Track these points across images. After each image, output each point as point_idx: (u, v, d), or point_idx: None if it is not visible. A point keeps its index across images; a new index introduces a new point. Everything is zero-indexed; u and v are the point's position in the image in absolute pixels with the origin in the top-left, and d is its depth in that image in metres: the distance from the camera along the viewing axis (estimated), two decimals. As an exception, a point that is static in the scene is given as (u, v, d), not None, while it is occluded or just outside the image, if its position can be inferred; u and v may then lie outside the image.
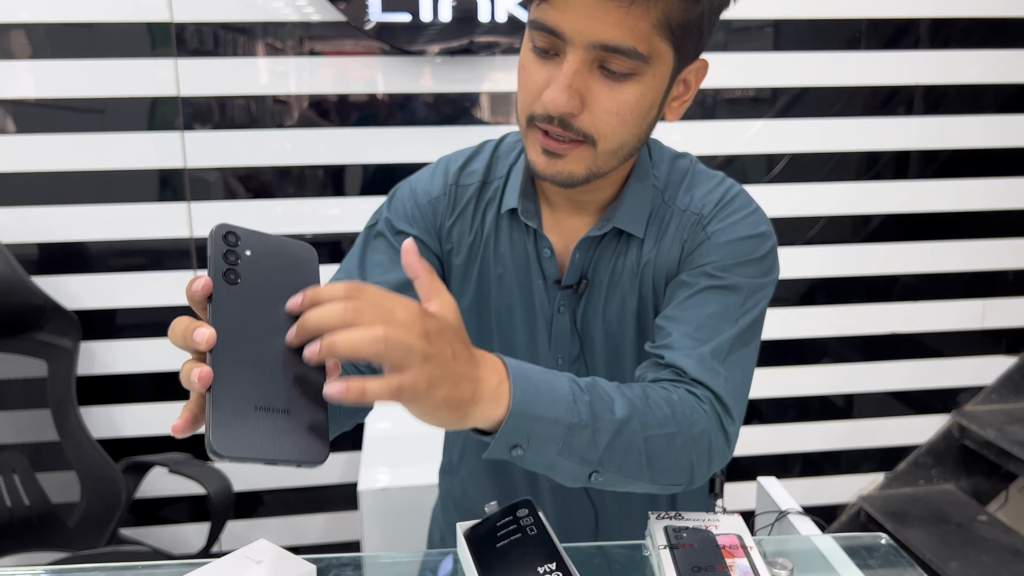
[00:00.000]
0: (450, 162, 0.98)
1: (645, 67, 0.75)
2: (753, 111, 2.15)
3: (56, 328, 1.87)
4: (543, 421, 0.67)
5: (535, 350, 0.96)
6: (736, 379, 0.84)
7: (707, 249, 0.88)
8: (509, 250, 0.93)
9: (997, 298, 2.36)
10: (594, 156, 0.79)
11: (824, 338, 2.33)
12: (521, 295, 0.94)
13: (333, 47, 1.94)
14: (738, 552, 0.75)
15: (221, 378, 0.54)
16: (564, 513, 1.03)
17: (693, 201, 0.91)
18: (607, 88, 0.76)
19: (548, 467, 0.71)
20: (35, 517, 1.86)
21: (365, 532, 1.69)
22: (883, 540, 0.83)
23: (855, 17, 2.11)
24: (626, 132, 0.79)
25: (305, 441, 0.56)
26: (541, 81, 0.77)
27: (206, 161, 1.96)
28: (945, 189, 2.26)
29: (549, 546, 0.74)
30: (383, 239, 0.93)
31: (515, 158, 0.95)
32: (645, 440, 0.73)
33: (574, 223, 0.92)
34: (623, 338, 0.94)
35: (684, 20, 0.74)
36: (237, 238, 0.59)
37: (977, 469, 2.45)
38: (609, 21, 0.72)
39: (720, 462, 0.81)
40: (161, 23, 1.87)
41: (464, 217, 0.95)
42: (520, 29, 1.92)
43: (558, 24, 0.74)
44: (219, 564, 0.78)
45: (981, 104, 2.22)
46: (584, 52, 0.74)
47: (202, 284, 0.56)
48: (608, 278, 0.92)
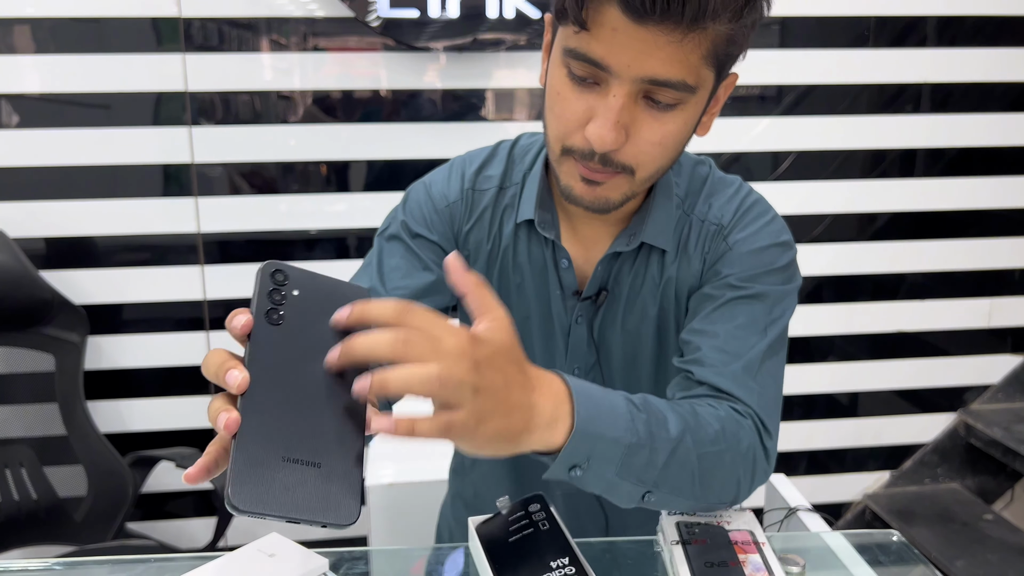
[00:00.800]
0: (466, 164, 0.95)
1: (690, 96, 0.73)
2: (759, 108, 2.14)
3: (64, 322, 1.88)
4: (604, 441, 0.66)
5: (551, 359, 0.95)
6: (770, 393, 0.83)
7: (729, 260, 0.87)
8: (527, 260, 0.92)
9: (1004, 297, 2.36)
10: (631, 183, 0.78)
11: (830, 336, 2.33)
12: (538, 305, 0.93)
13: (338, 43, 1.94)
14: (751, 548, 0.75)
15: (249, 425, 0.51)
16: (575, 519, 1.02)
17: (712, 210, 0.90)
18: (651, 119, 0.73)
19: (606, 488, 0.70)
20: (42, 511, 1.86)
21: (372, 527, 1.69)
22: (895, 537, 0.83)
23: (863, 14, 2.11)
24: (665, 159, 0.78)
25: (335, 498, 0.52)
26: (580, 112, 0.74)
27: (212, 156, 1.96)
28: (952, 187, 2.26)
29: (562, 541, 0.74)
30: (399, 243, 0.91)
31: (530, 164, 0.93)
32: (699, 457, 0.72)
33: (593, 234, 0.90)
34: (641, 349, 0.93)
35: (731, 48, 0.73)
36: (285, 277, 0.56)
37: (983, 468, 2.44)
38: (660, 56, 0.68)
39: (762, 478, 0.80)
40: (169, 18, 1.87)
41: (481, 224, 0.93)
42: (528, 25, 1.91)
43: (604, 58, 0.70)
44: (232, 557, 0.79)
45: (989, 102, 2.22)
46: (631, 85, 0.71)
47: (243, 322, 0.53)
48: (628, 290, 0.91)
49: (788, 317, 0.89)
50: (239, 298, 2.05)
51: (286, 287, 0.56)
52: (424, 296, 0.88)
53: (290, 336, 0.55)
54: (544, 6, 1.91)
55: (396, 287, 0.88)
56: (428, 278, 0.89)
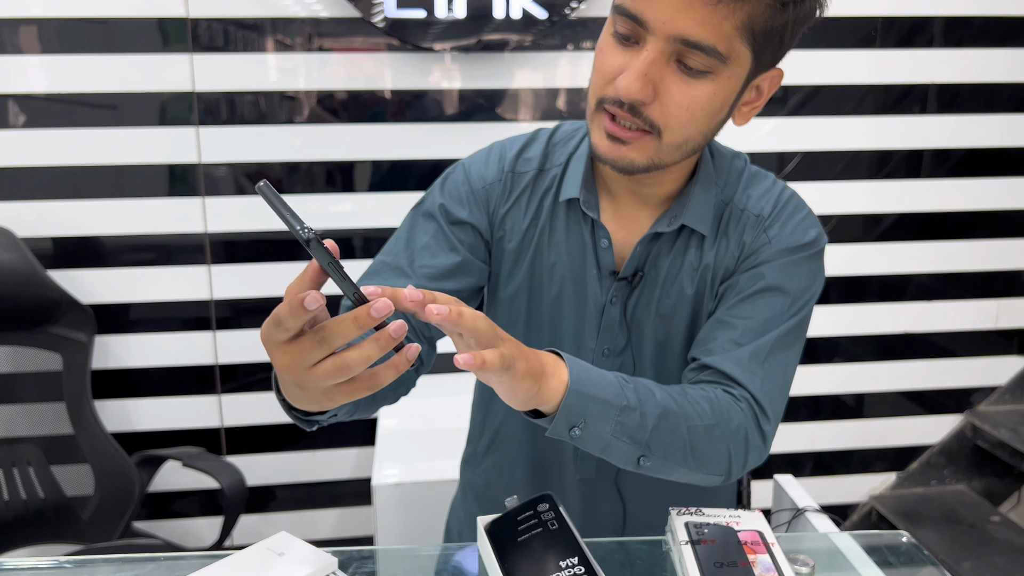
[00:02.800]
0: (505, 148, 0.98)
1: (721, 67, 0.76)
2: (766, 109, 2.13)
3: (71, 322, 1.88)
4: (597, 401, 0.73)
5: (581, 339, 0.97)
6: (775, 380, 0.87)
7: (766, 252, 0.90)
8: (564, 239, 0.94)
9: (1011, 298, 2.35)
10: (658, 147, 0.81)
11: (837, 337, 2.32)
12: (573, 284, 0.95)
13: (344, 43, 1.94)
14: (760, 548, 0.75)
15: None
16: (591, 508, 1.04)
17: (751, 201, 0.93)
18: (681, 82, 0.77)
19: (603, 448, 0.76)
20: (49, 509, 1.86)
21: (379, 527, 1.69)
22: (904, 538, 0.83)
23: (870, 15, 2.10)
24: (693, 128, 0.80)
25: None
26: (616, 66, 0.78)
27: (218, 156, 1.97)
28: (959, 188, 2.25)
29: (570, 540, 0.74)
30: (433, 221, 0.94)
31: (575, 147, 0.96)
32: (688, 429, 0.78)
33: (633, 215, 0.93)
34: (674, 333, 0.95)
35: (767, 26, 0.75)
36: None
37: (990, 470, 2.44)
38: (694, 16, 0.73)
39: (756, 458, 0.84)
40: (177, 18, 1.88)
41: (519, 204, 0.96)
42: (534, 25, 1.91)
43: (644, 12, 0.75)
44: (242, 555, 0.79)
45: (995, 103, 2.21)
46: (664, 43, 0.75)
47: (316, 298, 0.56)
48: (666, 273, 0.93)
49: (808, 311, 0.91)
50: (246, 297, 2.05)
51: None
52: (449, 276, 0.92)
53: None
54: (551, 6, 1.91)
55: (423, 264, 0.91)
56: (454, 259, 0.92)
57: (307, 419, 0.73)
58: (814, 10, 0.78)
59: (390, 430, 1.91)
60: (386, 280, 0.89)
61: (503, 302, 0.99)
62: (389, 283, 0.88)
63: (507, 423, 1.05)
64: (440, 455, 1.73)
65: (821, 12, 0.78)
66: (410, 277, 0.89)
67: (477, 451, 1.12)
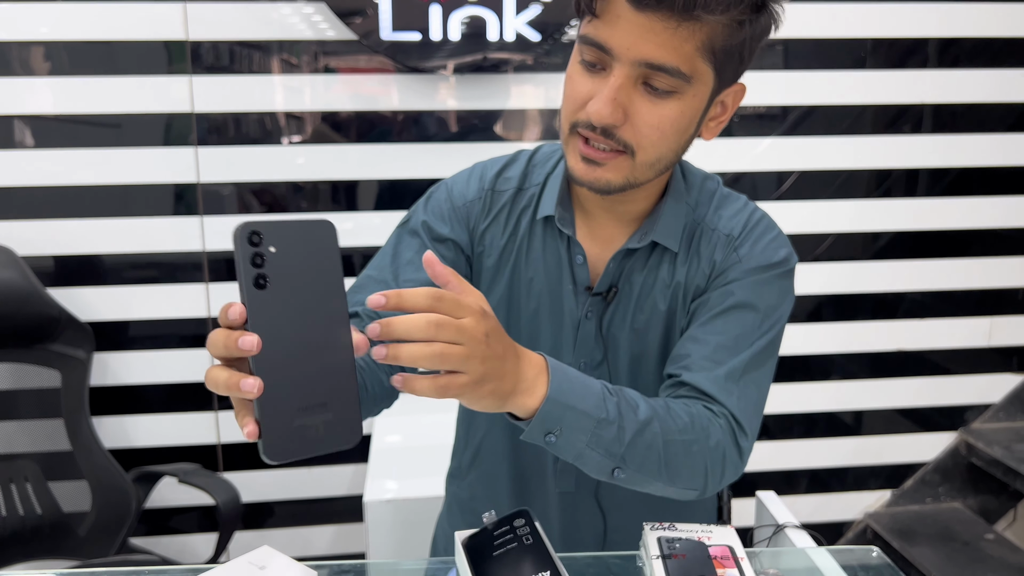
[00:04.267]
0: (486, 168, 1.02)
1: (686, 86, 0.80)
2: (763, 128, 2.17)
3: (70, 339, 1.91)
4: (574, 411, 0.74)
5: (559, 354, 0.99)
6: (750, 398, 0.88)
7: (736, 271, 0.93)
8: (541, 255, 0.98)
9: (1004, 316, 2.36)
10: (632, 166, 0.84)
11: (831, 355, 2.33)
12: (550, 299, 0.98)
13: (347, 63, 1.98)
14: (729, 563, 0.76)
15: (268, 385, 0.58)
16: (572, 521, 1.06)
17: (722, 221, 0.95)
18: (649, 103, 0.80)
19: (577, 456, 0.78)
20: (47, 525, 1.88)
21: (370, 543, 1.70)
22: (874, 553, 0.84)
23: (861, 37, 2.13)
24: (664, 146, 0.83)
25: (343, 427, 0.62)
26: (586, 92, 0.82)
27: (220, 176, 2.00)
28: (953, 207, 2.27)
29: (543, 554, 0.76)
30: (417, 238, 0.97)
31: (552, 167, 0.99)
32: (665, 443, 0.79)
33: (607, 232, 0.96)
34: (648, 347, 0.98)
35: (726, 44, 0.79)
36: (260, 236, 0.61)
37: (985, 487, 2.44)
38: (656, 41, 0.76)
39: (733, 474, 0.86)
40: (177, 41, 1.91)
41: (498, 221, 0.99)
42: (527, 47, 1.95)
43: (607, 40, 0.78)
44: (224, 569, 0.80)
45: (988, 123, 2.23)
46: (630, 68, 0.78)
47: (239, 311, 0.59)
48: (640, 288, 0.96)
49: (779, 329, 0.93)
50: (243, 315, 2.07)
51: (262, 246, 0.61)
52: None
53: (278, 294, 0.61)
54: (544, 28, 1.94)
55: (408, 279, 0.94)
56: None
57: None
58: (769, 26, 0.81)
59: (383, 448, 1.93)
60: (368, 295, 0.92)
61: None
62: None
63: (489, 437, 1.07)
64: (432, 472, 1.74)
65: (776, 27, 0.82)
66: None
67: (461, 465, 1.14)
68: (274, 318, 0.60)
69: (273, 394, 0.58)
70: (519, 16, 1.92)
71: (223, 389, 0.58)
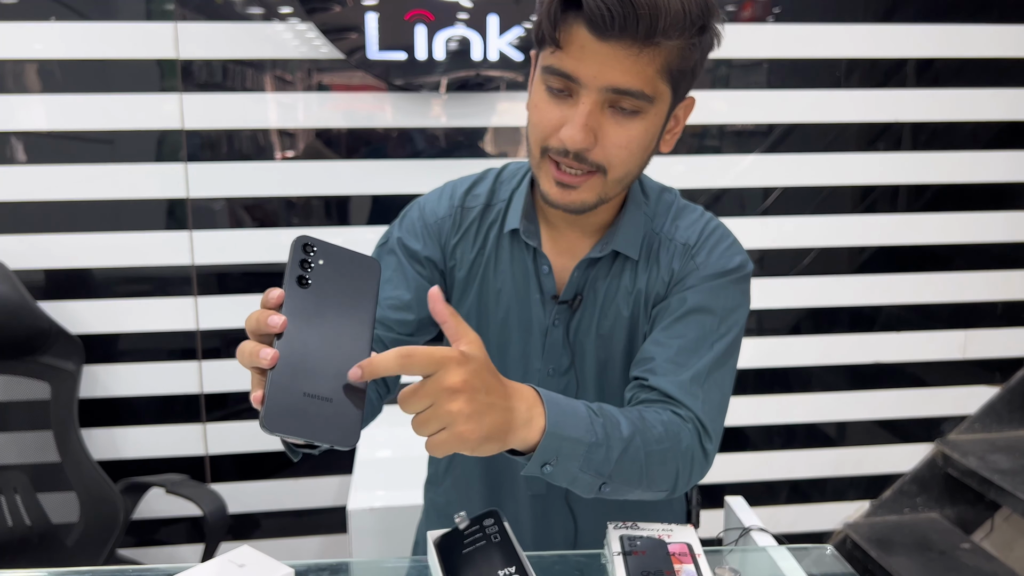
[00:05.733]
0: (456, 186, 1.07)
1: (649, 106, 0.85)
2: (747, 144, 2.21)
3: (60, 351, 1.94)
4: (570, 441, 0.77)
5: (528, 361, 1.04)
6: (714, 400, 0.93)
7: (693, 277, 0.97)
8: (509, 267, 1.02)
9: (979, 329, 2.41)
10: (604, 184, 0.89)
11: (810, 367, 2.38)
12: (519, 308, 1.03)
13: (333, 82, 2.02)
14: (686, 559, 0.80)
15: (282, 362, 0.63)
16: (544, 523, 1.10)
17: (679, 231, 1.01)
18: (617, 125, 0.86)
19: (571, 481, 0.81)
20: (35, 536, 1.90)
21: (354, 551, 1.73)
22: (828, 551, 0.88)
23: (843, 57, 2.18)
24: (632, 163, 0.89)
25: (341, 426, 0.65)
26: (556, 119, 0.86)
27: (211, 191, 2.04)
28: (928, 222, 2.32)
29: (510, 552, 0.80)
30: (394, 256, 1.03)
31: (517, 183, 1.05)
32: (646, 455, 0.83)
33: (571, 243, 1.01)
34: (614, 352, 1.02)
35: (682, 65, 0.84)
36: (313, 249, 0.68)
37: (961, 497, 2.48)
38: (620, 68, 0.81)
39: (699, 475, 0.91)
40: (167, 59, 1.96)
41: (467, 236, 1.04)
42: (512, 67, 2.00)
43: (574, 71, 0.83)
44: (203, 568, 0.84)
45: (966, 141, 2.29)
46: (597, 94, 0.83)
47: (277, 294, 0.65)
48: (603, 296, 1.00)
49: (738, 331, 0.98)
50: (232, 328, 2.11)
51: (313, 256, 0.68)
52: (408, 307, 1.00)
53: (315, 297, 0.67)
54: (526, 49, 1.99)
55: (387, 296, 0.99)
56: (411, 292, 1.00)
57: (293, 449, 0.80)
58: (713, 43, 0.88)
59: (367, 459, 1.96)
60: None
61: None
62: None
63: None
64: (414, 482, 1.76)
65: (718, 44, 0.88)
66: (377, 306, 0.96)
67: (438, 472, 1.18)
68: (305, 313, 0.66)
69: (285, 371, 0.63)
70: (503, 37, 1.98)
71: (246, 358, 0.63)
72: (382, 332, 0.97)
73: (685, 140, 2.19)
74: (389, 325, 0.97)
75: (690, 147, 2.19)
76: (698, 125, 2.18)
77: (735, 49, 2.14)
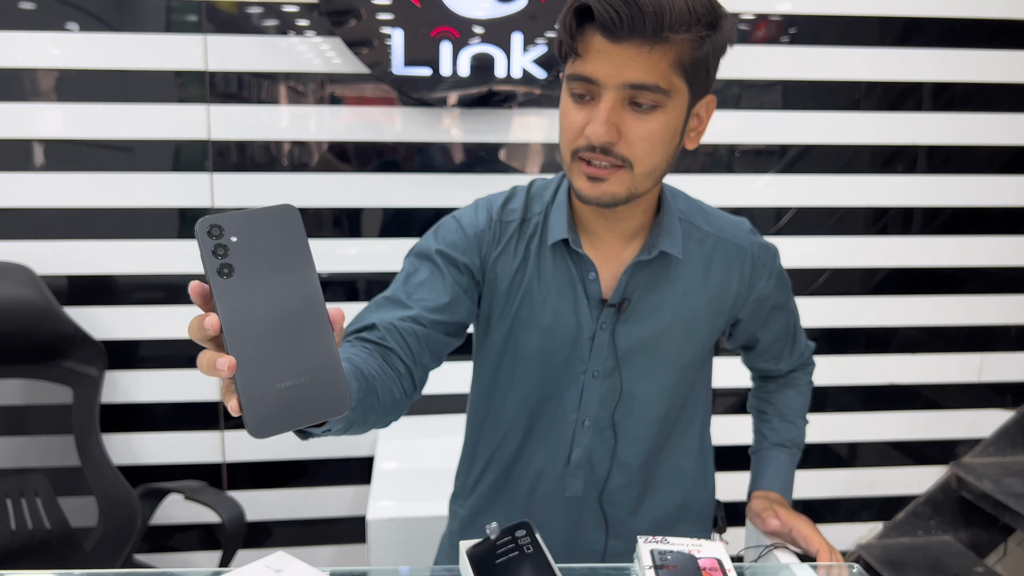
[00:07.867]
0: (491, 202, 1.11)
1: (666, 100, 0.91)
2: (761, 165, 2.23)
3: (83, 357, 1.95)
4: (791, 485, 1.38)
5: (573, 365, 1.08)
6: (800, 340, 1.30)
7: (771, 285, 1.15)
8: (552, 276, 1.06)
9: (994, 352, 2.41)
10: (632, 178, 0.94)
11: (825, 387, 2.38)
12: (565, 316, 1.07)
13: (355, 92, 2.05)
14: (717, 574, 0.81)
15: (243, 364, 0.60)
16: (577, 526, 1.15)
17: (725, 230, 1.10)
18: (637, 119, 0.92)
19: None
20: (54, 539, 1.92)
21: (373, 562, 1.74)
22: (855, 569, 0.89)
23: (859, 79, 2.20)
24: (656, 156, 0.94)
25: (327, 397, 0.62)
26: (581, 121, 0.93)
27: (234, 201, 2.06)
28: (946, 245, 2.33)
29: (543, 563, 0.81)
30: (429, 262, 1.06)
31: (550, 197, 1.09)
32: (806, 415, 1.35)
33: (612, 248, 1.06)
34: (658, 353, 1.08)
35: (694, 59, 0.90)
36: (220, 229, 0.61)
37: (975, 521, 2.47)
38: (634, 65, 0.88)
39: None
40: (196, 71, 1.99)
41: (508, 249, 1.08)
42: (533, 83, 2.02)
43: (593, 73, 0.90)
44: (241, 572, 0.85)
45: (981, 165, 2.30)
46: (616, 92, 0.90)
47: (197, 290, 0.61)
48: (650, 298, 1.06)
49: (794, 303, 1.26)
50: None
51: (224, 238, 0.61)
52: (443, 310, 1.02)
53: (244, 281, 0.61)
54: (549, 66, 2.01)
55: (422, 297, 1.01)
56: (448, 296, 1.03)
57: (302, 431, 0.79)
58: (726, 42, 0.94)
59: (386, 469, 1.97)
60: (384, 311, 0.99)
61: (497, 339, 1.10)
62: (387, 314, 0.98)
63: (500, 450, 1.13)
64: (434, 493, 1.79)
65: (732, 43, 0.94)
66: (409, 308, 0.99)
67: (467, 483, 1.19)
68: (242, 302, 0.61)
69: (249, 371, 0.60)
70: (526, 54, 2.00)
71: (206, 370, 0.60)
72: (416, 327, 0.98)
73: (699, 159, 2.21)
74: (425, 324, 0.99)
75: (704, 166, 2.21)
76: (712, 144, 2.21)
77: (749, 69, 2.16)
